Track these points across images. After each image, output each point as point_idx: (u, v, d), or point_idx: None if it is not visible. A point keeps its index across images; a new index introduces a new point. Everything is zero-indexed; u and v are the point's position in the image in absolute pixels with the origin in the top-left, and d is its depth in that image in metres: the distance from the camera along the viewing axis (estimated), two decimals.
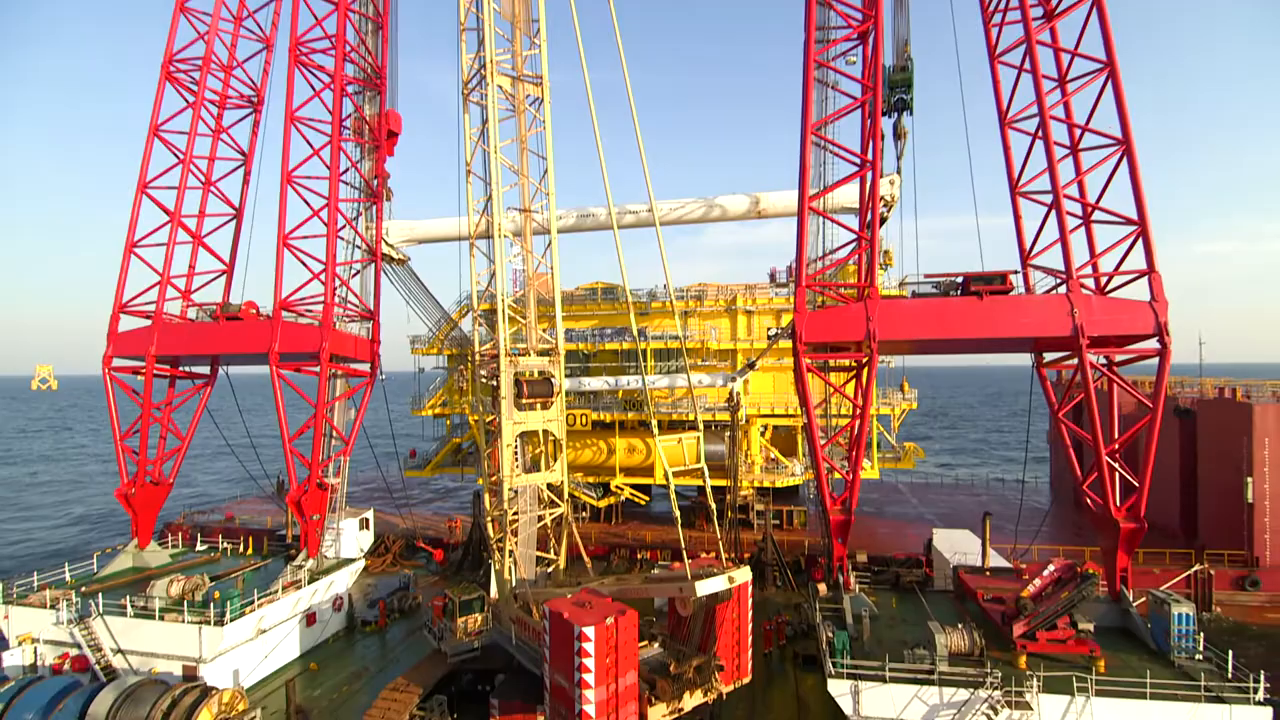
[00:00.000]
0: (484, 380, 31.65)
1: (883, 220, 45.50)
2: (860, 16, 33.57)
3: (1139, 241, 30.32)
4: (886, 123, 36.80)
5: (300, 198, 38.58)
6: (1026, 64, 32.05)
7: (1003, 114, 33.22)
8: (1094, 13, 31.11)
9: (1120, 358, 31.68)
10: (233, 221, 43.85)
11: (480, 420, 32.83)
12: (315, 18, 39.07)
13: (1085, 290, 30.94)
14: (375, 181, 43.11)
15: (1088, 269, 31.40)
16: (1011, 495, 67.22)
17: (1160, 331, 29.32)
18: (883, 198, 42.42)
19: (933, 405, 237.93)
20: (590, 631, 21.43)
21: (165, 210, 41.11)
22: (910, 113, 38.32)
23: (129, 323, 40.79)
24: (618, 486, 57.36)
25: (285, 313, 38.23)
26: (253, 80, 43.98)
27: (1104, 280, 31.61)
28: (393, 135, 43.95)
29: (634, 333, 33.21)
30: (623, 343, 57.15)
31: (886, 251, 49.77)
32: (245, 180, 44.10)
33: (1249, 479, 43.59)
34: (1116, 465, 30.51)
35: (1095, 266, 31.57)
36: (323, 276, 38.19)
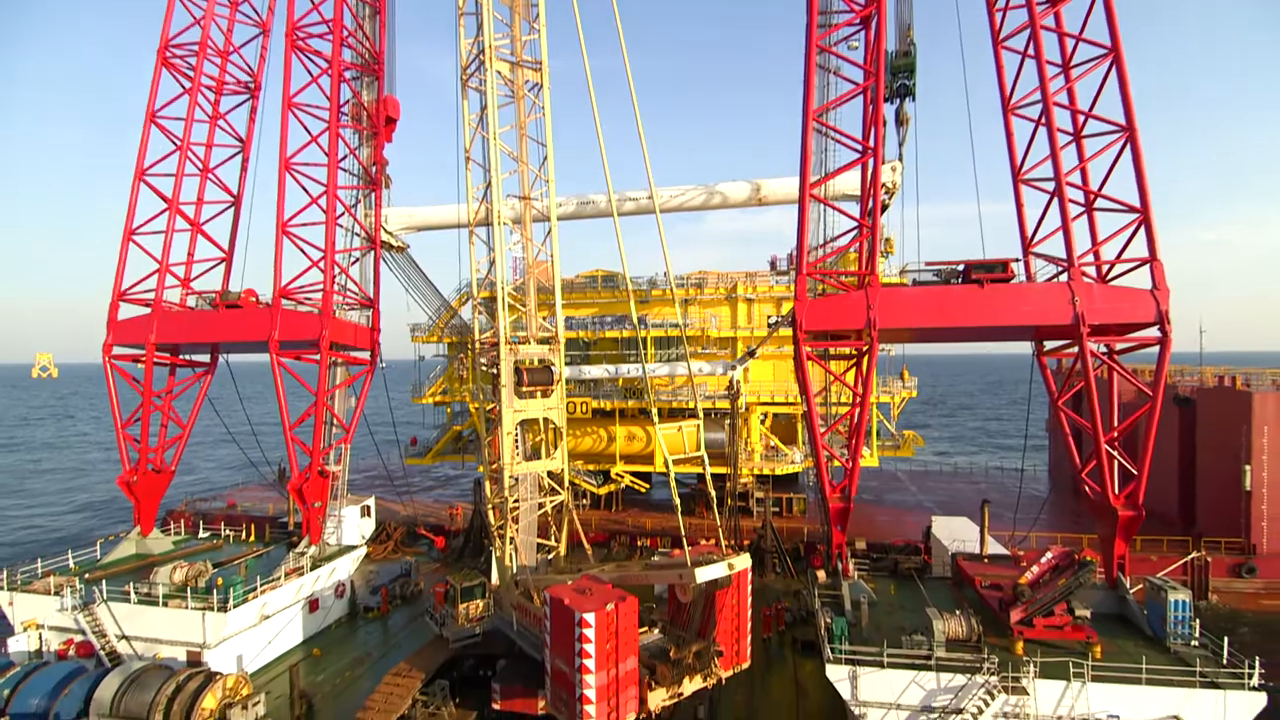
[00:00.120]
0: (484, 368, 31.62)
1: (884, 208, 45.31)
2: (863, 1, 33.21)
3: (1141, 229, 30.14)
4: (889, 109, 36.52)
5: (299, 185, 38.42)
6: (1030, 49, 31.69)
7: (1006, 100, 32.94)
8: None
9: (1121, 346, 31.64)
10: (231, 209, 43.67)
11: (481, 408, 32.85)
12: (312, 2, 38.64)
13: (1087, 278, 30.80)
14: (374, 168, 42.88)
15: (1089, 257, 31.26)
16: (1010, 483, 67.45)
17: (1161, 320, 29.24)
18: (884, 185, 42.20)
19: (932, 393, 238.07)
20: (591, 617, 21.59)
21: (163, 197, 40.91)
22: (913, 99, 38.01)
23: (128, 311, 40.72)
24: (618, 474, 57.57)
25: (285, 301, 38.13)
26: (250, 66, 43.58)
27: (1105, 268, 31.48)
28: (391, 121, 43.65)
29: (634, 320, 33.16)
30: (623, 330, 57.10)
31: (888, 239, 49.60)
32: (243, 167, 43.88)
33: (1247, 467, 43.73)
34: (1115, 453, 30.53)
35: (1097, 254, 31.42)
36: (322, 264, 38.08)
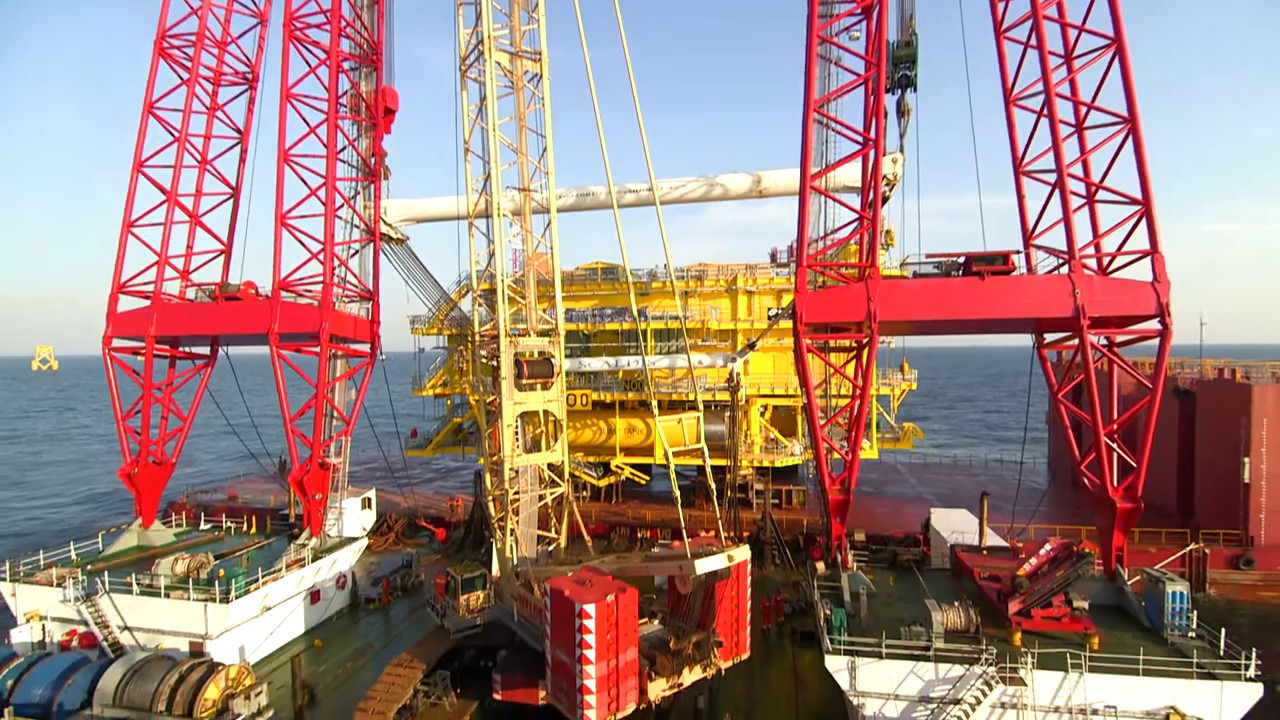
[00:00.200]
0: (484, 360, 31.62)
1: (885, 199, 45.16)
2: None
3: (1142, 221, 30.04)
4: (890, 100, 36.26)
5: (297, 176, 38.21)
6: (1032, 40, 31.49)
7: (1008, 91, 32.72)
8: None
9: (1121, 338, 31.57)
10: (230, 201, 43.51)
11: (481, 400, 32.87)
12: None
13: (1087, 271, 30.74)
14: (373, 159, 42.71)
15: (1090, 249, 31.17)
16: (1009, 475, 67.57)
17: (1162, 312, 29.18)
18: (885, 176, 41.99)
19: (932, 386, 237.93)
20: (591, 609, 21.71)
21: (162, 189, 40.79)
22: (914, 89, 37.73)
23: (128, 303, 40.67)
24: (618, 466, 57.67)
25: (284, 293, 38.05)
26: (247, 56, 43.31)
27: (1106, 261, 31.39)
28: (390, 112, 43.40)
29: (634, 313, 33.09)
30: (623, 323, 57.06)
31: (888, 231, 49.47)
32: (242, 159, 43.68)
33: (1246, 459, 43.80)
34: (1115, 445, 30.57)
35: (1098, 247, 31.31)
36: (321, 256, 37.97)
